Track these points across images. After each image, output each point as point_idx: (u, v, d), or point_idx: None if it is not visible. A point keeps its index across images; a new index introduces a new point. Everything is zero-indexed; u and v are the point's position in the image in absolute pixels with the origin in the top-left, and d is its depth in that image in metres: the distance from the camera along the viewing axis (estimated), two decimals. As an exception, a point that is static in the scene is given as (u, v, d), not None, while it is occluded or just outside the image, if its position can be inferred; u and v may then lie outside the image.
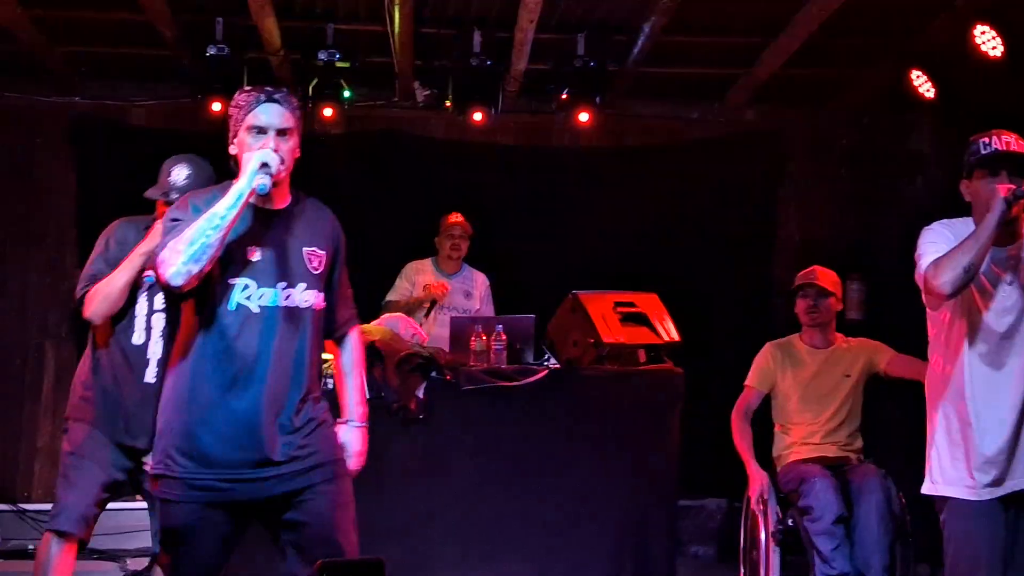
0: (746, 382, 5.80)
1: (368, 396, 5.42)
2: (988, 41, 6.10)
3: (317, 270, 3.43)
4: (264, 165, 3.30)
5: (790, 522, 5.43)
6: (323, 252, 3.47)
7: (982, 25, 6.10)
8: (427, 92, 7.53)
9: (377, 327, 5.64)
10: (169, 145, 7.69)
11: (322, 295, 3.44)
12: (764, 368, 5.76)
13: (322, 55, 6.89)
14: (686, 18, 6.70)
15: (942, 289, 3.59)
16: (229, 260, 3.30)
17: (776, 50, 6.90)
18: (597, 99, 7.11)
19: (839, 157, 8.13)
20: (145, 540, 5.06)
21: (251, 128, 3.39)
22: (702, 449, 6.53)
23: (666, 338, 5.63)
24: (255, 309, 3.31)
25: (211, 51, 6.73)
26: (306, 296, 3.38)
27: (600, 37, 6.96)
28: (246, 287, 3.31)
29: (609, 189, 7.86)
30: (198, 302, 3.34)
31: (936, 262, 3.64)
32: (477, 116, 7.15)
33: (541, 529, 5.42)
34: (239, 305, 3.30)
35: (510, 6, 6.54)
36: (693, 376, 5.75)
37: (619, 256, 7.59)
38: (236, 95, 3.47)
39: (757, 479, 5.54)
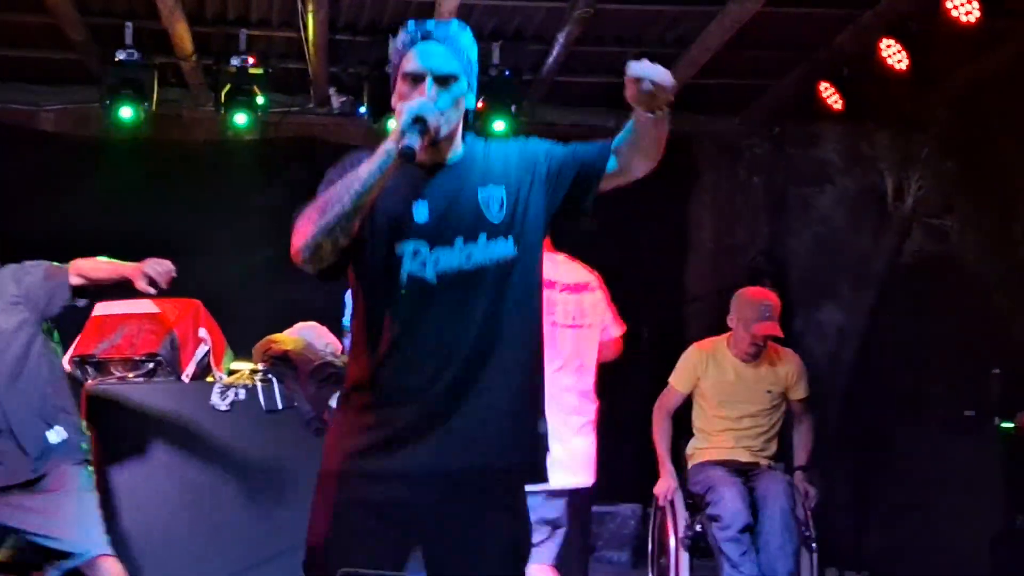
0: (670, 379, 5.78)
1: (280, 407, 5.48)
2: (894, 55, 6.24)
3: (499, 214, 2.75)
4: (418, 120, 2.63)
5: (699, 527, 5.48)
6: (500, 189, 2.77)
7: (888, 39, 6.23)
8: (343, 99, 7.50)
9: (289, 337, 5.60)
10: (79, 150, 7.71)
11: (513, 240, 2.73)
12: (688, 370, 5.70)
13: (235, 61, 6.83)
14: (600, 28, 6.77)
15: None
16: (390, 224, 2.71)
17: (688, 61, 6.98)
18: (512, 107, 7.13)
19: (751, 165, 8.25)
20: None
21: (405, 75, 2.75)
22: (616, 456, 6.56)
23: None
24: (431, 279, 2.70)
25: (121, 56, 6.64)
26: (492, 249, 2.72)
27: (515, 46, 6.99)
28: (417, 253, 2.70)
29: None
30: (360, 283, 2.75)
31: None
32: (392, 123, 7.10)
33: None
34: (411, 276, 2.70)
35: (425, 14, 6.54)
36: (605, 384, 5.79)
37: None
38: (399, 33, 2.82)
39: (665, 480, 5.59)
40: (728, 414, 5.61)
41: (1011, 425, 5.90)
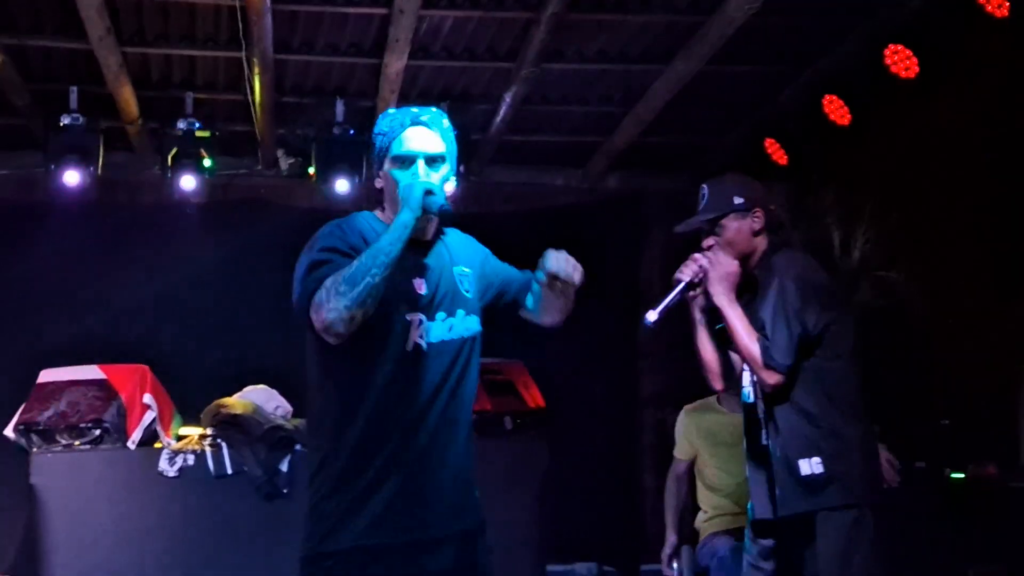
0: (674, 451, 5.58)
1: (229, 472, 5.41)
2: (836, 110, 6.34)
3: (469, 292, 3.02)
4: (429, 192, 2.88)
5: None
6: (470, 272, 3.06)
7: (830, 96, 6.33)
8: (291, 160, 7.49)
9: (239, 400, 5.55)
10: (24, 215, 7.64)
11: (477, 316, 3.02)
12: (683, 437, 5.49)
13: (181, 124, 6.79)
14: (546, 88, 6.82)
15: None
16: (398, 296, 2.88)
17: (634, 119, 7.05)
18: (461, 167, 7.14)
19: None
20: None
21: (395, 159, 2.97)
22: (570, 514, 6.54)
23: (532, 405, 5.67)
24: (424, 347, 2.89)
25: (65, 120, 6.60)
26: (466, 322, 2.98)
27: (463, 106, 7.02)
28: (421, 323, 2.89)
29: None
30: (358, 347, 2.86)
31: None
32: (342, 185, 7.10)
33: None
34: (416, 345, 2.88)
35: (371, 76, 6.57)
36: (559, 441, 5.78)
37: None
38: (379, 120, 3.05)
39: (667, 540, 5.43)
40: (726, 476, 5.32)
41: (961, 476, 5.95)
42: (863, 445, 3.63)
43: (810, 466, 3.54)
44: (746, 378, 3.72)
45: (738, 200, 3.64)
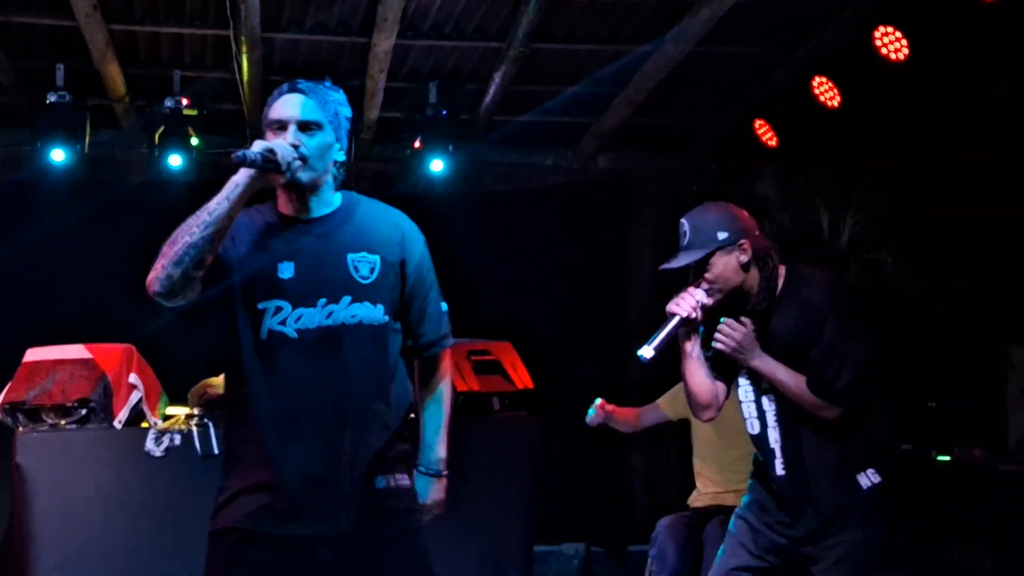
0: (659, 401, 5.60)
1: (216, 452, 5.37)
2: (826, 92, 6.33)
3: (367, 279, 2.85)
4: (269, 151, 2.75)
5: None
6: (375, 257, 2.87)
7: (820, 77, 6.32)
8: (279, 139, 7.45)
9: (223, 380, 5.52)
10: (10, 193, 7.59)
11: (381, 307, 2.85)
12: (677, 396, 5.40)
13: (168, 102, 6.75)
14: (535, 68, 6.80)
15: None
16: (256, 281, 2.81)
17: (624, 100, 7.03)
18: (450, 147, 7.13)
19: (690, 203, 8.25)
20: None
21: (271, 123, 2.87)
22: (558, 495, 6.55)
23: (520, 386, 5.66)
24: (292, 335, 2.79)
25: (52, 98, 6.56)
26: (354, 311, 2.81)
27: (452, 86, 7.00)
28: (279, 310, 2.79)
29: (462, 236, 7.86)
30: (227, 337, 2.85)
31: None
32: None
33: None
34: (271, 332, 2.79)
35: (360, 55, 6.54)
36: (548, 422, 5.78)
37: (473, 304, 7.59)
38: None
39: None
40: (717, 450, 5.36)
41: (947, 458, 5.96)
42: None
43: (868, 478, 3.48)
44: (747, 409, 3.61)
45: (723, 235, 3.46)
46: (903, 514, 3.53)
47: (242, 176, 2.75)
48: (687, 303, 3.46)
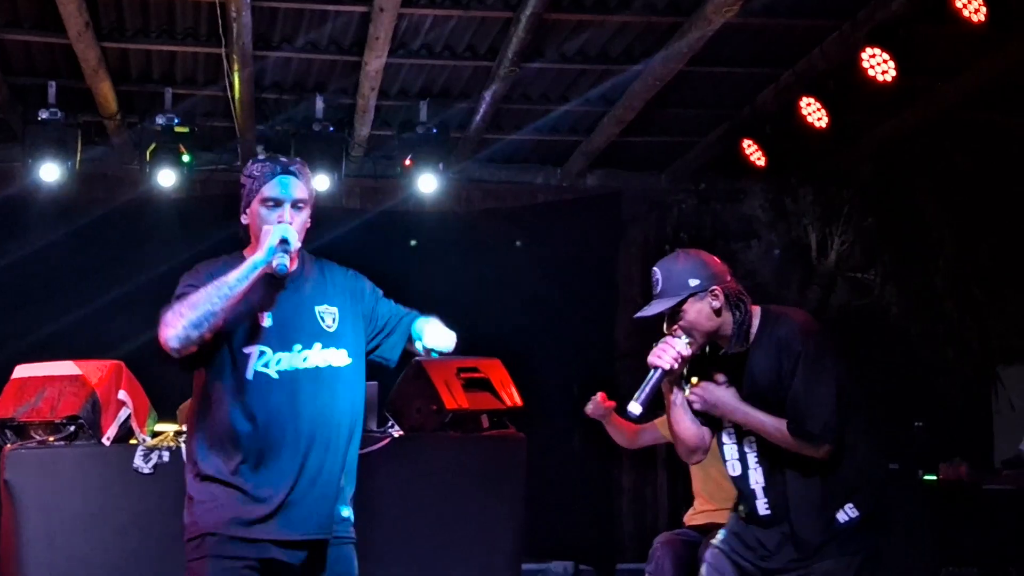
0: (655, 420, 5.59)
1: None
2: (813, 112, 6.36)
3: (331, 327, 3.32)
4: (283, 242, 3.21)
5: None
6: (335, 308, 3.35)
7: (808, 97, 6.36)
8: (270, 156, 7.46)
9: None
10: (1, 209, 7.60)
11: (345, 351, 3.32)
12: None
13: (160, 119, 6.77)
14: (525, 86, 6.84)
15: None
16: (241, 329, 3.23)
17: (613, 119, 7.06)
18: (440, 164, 7.15)
19: (678, 221, 8.33)
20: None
21: (266, 200, 3.30)
22: (546, 512, 6.55)
23: (509, 403, 5.66)
24: (274, 375, 3.22)
25: (43, 114, 6.56)
26: (326, 356, 3.29)
27: (442, 104, 7.03)
28: (262, 354, 3.23)
29: (451, 253, 7.90)
30: (211, 374, 3.25)
31: None
32: (321, 181, 7.09)
33: (385, 598, 5.36)
34: (257, 373, 3.21)
35: (351, 73, 6.57)
36: (536, 440, 5.79)
37: (461, 321, 7.60)
38: (249, 165, 3.40)
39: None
40: (712, 467, 5.33)
41: (933, 477, 5.99)
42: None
43: (846, 513, 3.50)
44: (728, 452, 3.60)
45: (693, 282, 3.49)
46: (882, 543, 3.52)
47: (260, 257, 3.19)
48: (668, 355, 3.48)
